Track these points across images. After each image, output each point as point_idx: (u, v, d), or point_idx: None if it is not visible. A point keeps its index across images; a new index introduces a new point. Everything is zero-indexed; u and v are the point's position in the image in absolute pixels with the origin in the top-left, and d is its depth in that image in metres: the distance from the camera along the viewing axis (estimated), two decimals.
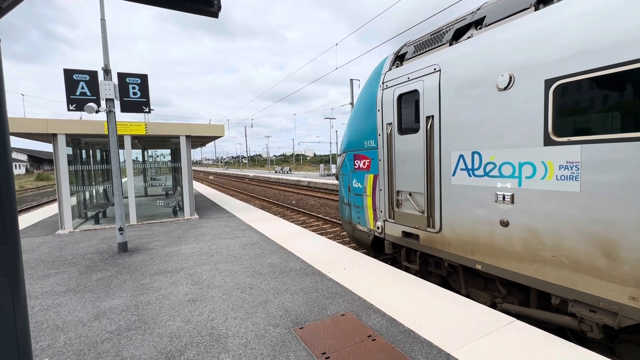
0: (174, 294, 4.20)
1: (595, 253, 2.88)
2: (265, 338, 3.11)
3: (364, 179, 5.86)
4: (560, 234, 3.12)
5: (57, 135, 8.23)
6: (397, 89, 4.97)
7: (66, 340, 3.19)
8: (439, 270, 4.91)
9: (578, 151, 2.95)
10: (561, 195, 3.09)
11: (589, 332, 3.12)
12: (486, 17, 3.93)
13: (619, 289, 2.76)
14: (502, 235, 3.62)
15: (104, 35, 5.95)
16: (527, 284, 3.45)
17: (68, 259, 5.94)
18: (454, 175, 4.15)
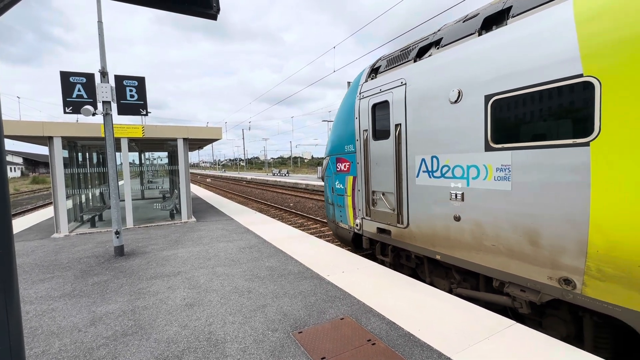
0: (171, 299, 4.15)
1: (523, 241, 3.43)
2: (264, 343, 3.07)
3: (344, 180, 6.40)
4: (498, 226, 3.65)
5: (53, 138, 8.16)
6: (372, 99, 5.52)
7: (61, 346, 3.13)
8: (408, 263, 5.45)
9: (509, 156, 3.50)
10: (498, 193, 3.64)
11: (520, 308, 3.66)
12: (443, 38, 4.46)
13: (540, 270, 3.33)
14: (456, 229, 4.15)
15: (101, 38, 5.92)
16: (474, 270, 4.00)
17: (63, 263, 5.87)
18: (417, 177, 4.68)
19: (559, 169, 3.10)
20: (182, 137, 9.68)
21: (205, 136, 10.34)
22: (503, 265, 3.66)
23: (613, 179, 2.72)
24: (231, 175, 58.84)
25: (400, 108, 4.92)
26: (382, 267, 5.13)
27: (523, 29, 3.40)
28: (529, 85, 3.31)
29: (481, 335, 3.08)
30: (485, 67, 3.73)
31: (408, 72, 4.82)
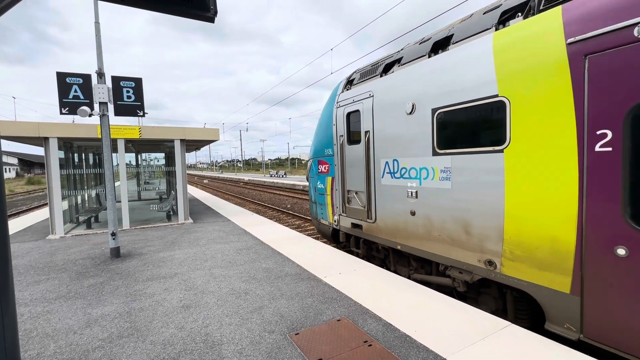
0: (168, 300, 4.14)
1: (460, 231, 4.06)
2: (261, 344, 3.07)
3: (325, 180, 7.04)
4: (442, 219, 4.29)
5: (48, 138, 8.12)
6: (347, 108, 6.12)
7: (56, 348, 3.12)
8: (378, 254, 6.05)
9: (450, 160, 4.13)
10: (442, 191, 4.27)
11: (458, 287, 4.34)
12: (403, 57, 5.13)
13: (472, 255, 3.94)
14: (412, 222, 4.80)
15: (97, 38, 5.91)
16: (426, 257, 4.65)
17: (59, 264, 5.83)
18: (382, 177, 5.31)
19: (483, 171, 3.76)
20: (179, 138, 9.66)
21: (202, 137, 10.32)
22: (446, 252, 4.31)
23: (518, 180, 3.41)
24: (228, 176, 58.71)
25: (368, 117, 5.54)
26: (378, 268, 5.15)
27: (458, 54, 4.04)
28: (462, 101, 3.96)
29: (477, 337, 3.10)
30: (432, 84, 4.36)
31: (375, 85, 5.42)
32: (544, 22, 3.20)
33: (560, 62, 3.04)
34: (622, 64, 2.68)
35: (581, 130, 2.91)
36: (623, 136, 2.68)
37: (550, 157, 3.15)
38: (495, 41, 3.62)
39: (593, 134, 2.86)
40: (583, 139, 2.91)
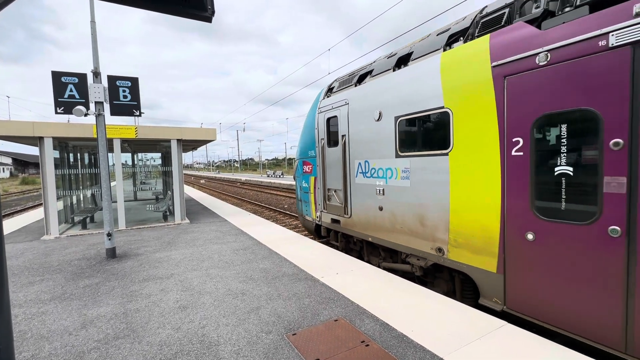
0: (164, 301, 4.12)
1: (417, 224, 4.67)
2: (258, 345, 3.06)
3: (309, 180, 7.64)
4: (404, 213, 4.89)
5: (43, 138, 8.05)
6: (327, 114, 6.68)
7: (51, 350, 3.09)
8: (355, 247, 6.63)
9: (409, 161, 4.73)
10: (403, 189, 4.86)
11: (416, 272, 4.96)
12: (374, 69, 5.67)
13: (426, 244, 4.56)
14: (380, 217, 5.37)
15: (93, 38, 5.87)
16: (391, 247, 5.23)
17: (54, 265, 5.78)
18: (356, 177, 5.88)
19: (434, 171, 4.35)
20: (175, 138, 9.61)
21: (199, 137, 10.28)
22: (407, 242, 4.91)
23: (459, 179, 4.03)
24: (225, 176, 58.53)
25: (345, 122, 6.10)
26: (375, 268, 5.16)
27: (415, 69, 4.63)
28: (417, 111, 4.56)
29: (473, 336, 3.11)
30: (395, 95, 4.93)
31: (350, 94, 5.98)
32: (477, 46, 3.80)
33: (487, 81, 3.65)
34: (529, 84, 3.30)
35: (502, 138, 3.54)
36: (530, 143, 3.31)
37: (481, 160, 3.78)
38: (442, 60, 4.22)
39: (510, 141, 3.49)
40: (504, 145, 3.54)
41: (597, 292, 2.92)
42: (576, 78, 2.98)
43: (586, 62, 2.90)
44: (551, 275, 3.22)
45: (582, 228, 2.97)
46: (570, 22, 3.03)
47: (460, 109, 3.97)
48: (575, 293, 3.07)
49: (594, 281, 2.93)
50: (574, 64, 2.98)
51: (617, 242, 2.76)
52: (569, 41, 3.00)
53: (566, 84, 3.05)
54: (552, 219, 3.18)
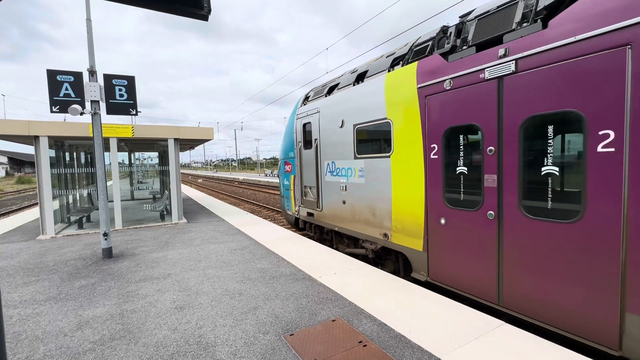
0: (161, 302, 4.09)
1: (370, 214, 5.59)
2: (255, 345, 3.05)
3: (289, 178, 8.55)
4: (360, 206, 5.80)
5: (39, 137, 7.98)
6: (303, 120, 7.58)
7: (46, 351, 3.06)
8: (327, 236, 7.59)
9: (363, 162, 5.64)
10: (359, 185, 5.77)
11: (369, 255, 5.87)
12: (340, 83, 6.57)
13: (376, 230, 5.47)
14: (343, 209, 6.30)
15: (89, 36, 5.81)
16: (352, 235, 6.17)
17: (49, 265, 5.73)
18: (326, 175, 6.80)
19: (381, 171, 5.24)
20: (172, 137, 9.56)
21: (196, 136, 10.23)
22: (362, 230, 5.83)
23: (397, 177, 4.95)
24: (223, 175, 58.37)
25: (317, 127, 6.97)
26: (374, 269, 5.16)
27: (368, 86, 5.47)
28: (369, 120, 5.44)
29: (471, 336, 3.11)
30: (354, 106, 5.78)
31: (321, 103, 6.83)
32: (408, 70, 4.66)
33: (414, 99, 4.57)
34: (440, 103, 4.20)
35: (425, 144, 4.46)
36: (442, 149, 4.21)
37: (411, 161, 4.69)
38: (386, 79, 5.08)
39: (429, 147, 4.40)
40: (426, 150, 4.45)
41: (481, 260, 3.84)
42: (467, 101, 3.89)
43: (473, 89, 3.82)
44: (455, 249, 4.16)
45: (473, 213, 3.92)
46: (465, 58, 3.90)
47: (397, 120, 4.89)
48: (469, 262, 3.98)
49: (480, 251, 3.85)
50: (466, 90, 3.89)
51: (492, 222, 3.71)
52: (463, 72, 3.91)
53: (462, 105, 3.95)
54: (455, 207, 4.13)
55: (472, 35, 3.98)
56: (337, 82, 6.76)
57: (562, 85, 3.06)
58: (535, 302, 3.35)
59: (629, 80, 2.64)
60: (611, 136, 2.79)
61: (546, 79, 3.17)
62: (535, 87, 3.26)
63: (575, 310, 3.05)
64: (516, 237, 3.47)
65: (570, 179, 3.11)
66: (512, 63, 3.44)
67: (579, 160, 3.03)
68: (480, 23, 3.95)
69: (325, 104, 6.67)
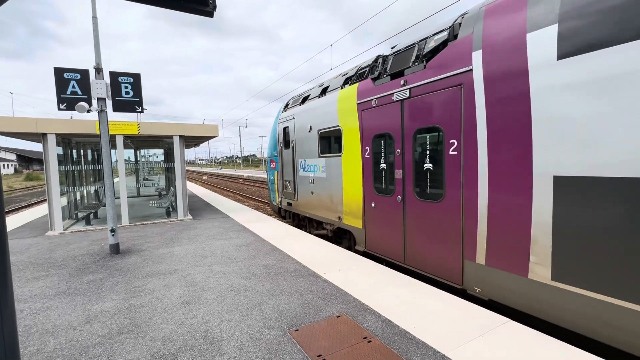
0: (167, 297, 4.14)
1: (329, 202, 6.88)
2: (260, 340, 3.08)
3: (274, 174, 10.05)
4: (323, 195, 7.12)
5: (47, 134, 8.08)
6: (283, 124, 9.01)
7: (56, 344, 3.12)
8: (302, 222, 8.97)
9: (325, 160, 6.94)
10: (322, 179, 7.10)
11: (329, 234, 7.26)
12: (310, 94, 7.92)
13: (334, 214, 6.78)
14: (312, 198, 7.71)
15: (95, 33, 5.85)
16: (318, 219, 7.58)
17: (58, 261, 5.82)
18: (300, 171, 8.20)
19: (336, 167, 6.57)
20: (178, 134, 9.62)
21: (201, 133, 10.28)
22: (324, 215, 7.22)
23: (346, 172, 6.24)
24: (228, 172, 58.61)
25: (293, 131, 8.39)
26: (378, 265, 5.16)
27: (328, 98, 6.76)
28: (327, 127, 6.77)
29: (475, 333, 3.11)
30: (318, 114, 7.15)
31: (296, 111, 8.23)
32: (352, 89, 5.96)
33: (355, 111, 5.85)
34: (369, 116, 5.51)
35: (362, 147, 5.73)
36: (371, 150, 5.50)
37: (353, 160, 6.01)
38: (339, 95, 6.38)
39: (364, 149, 5.67)
40: (362, 151, 5.73)
41: (395, 232, 5.19)
42: (385, 115, 5.17)
43: (387, 107, 5.09)
44: (380, 225, 5.49)
45: (389, 198, 5.21)
46: (384, 84, 5.16)
47: (345, 127, 6.19)
48: (388, 234, 5.33)
49: (394, 226, 5.19)
50: (384, 107, 5.17)
51: (400, 204, 5.03)
52: (382, 94, 5.18)
53: (382, 118, 5.23)
54: (380, 194, 5.42)
55: (389, 67, 5.19)
56: (309, 94, 8.07)
57: (432, 108, 4.37)
58: (421, 257, 4.77)
59: (462, 108, 3.92)
60: (455, 144, 4.05)
61: (424, 103, 4.48)
62: (420, 109, 4.57)
63: (440, 260, 4.44)
64: (412, 213, 4.85)
65: (438, 173, 4.37)
66: (408, 91, 4.72)
67: (441, 160, 4.28)
68: (395, 58, 5.13)
69: (299, 112, 8.07)
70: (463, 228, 4.01)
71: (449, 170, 4.13)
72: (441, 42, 4.26)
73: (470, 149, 3.84)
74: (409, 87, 4.67)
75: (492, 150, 3.62)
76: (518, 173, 3.38)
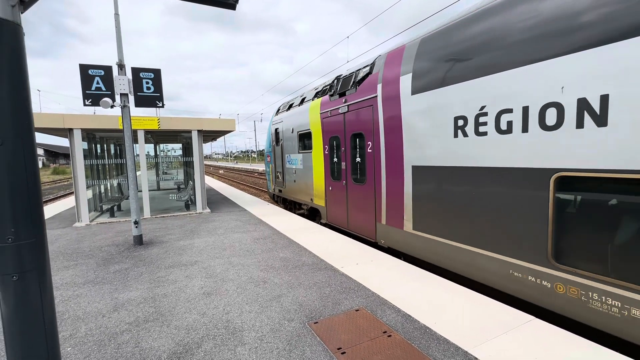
0: (189, 287, 4.26)
1: (305, 187, 8.86)
2: (281, 332, 3.12)
3: (269, 166, 12.12)
4: (301, 183, 9.05)
5: (73, 130, 8.38)
6: (275, 126, 10.94)
7: (87, 330, 3.27)
8: (289, 205, 10.93)
9: (302, 155, 8.85)
10: (300, 170, 9.02)
11: (305, 213, 9.51)
12: (293, 103, 9.76)
13: (308, 197, 8.79)
14: (294, 186, 9.54)
15: (117, 30, 5.98)
16: (298, 202, 9.51)
17: (86, 251, 6.08)
18: (286, 164, 10.03)
19: (309, 161, 8.29)
20: (196, 128, 9.78)
21: (219, 128, 10.42)
22: (302, 198, 9.09)
23: (315, 165, 8.05)
24: (243, 166, 59.36)
25: (281, 132, 10.28)
26: (396, 259, 5.12)
27: (303, 107, 8.59)
28: (303, 130, 8.48)
29: (498, 330, 3.04)
30: (297, 119, 8.94)
31: (283, 116, 10.20)
32: (317, 102, 7.73)
33: (319, 119, 7.58)
34: (328, 123, 7.17)
35: (324, 146, 7.44)
36: (329, 148, 7.24)
37: (319, 155, 7.74)
38: (310, 105, 8.18)
39: (325, 147, 7.43)
40: (325, 149, 7.42)
41: (342, 207, 7.04)
42: (335, 123, 6.93)
43: (336, 117, 6.84)
44: (334, 203, 7.36)
45: (339, 183, 7.02)
46: (335, 100, 6.90)
47: (313, 130, 7.98)
48: (338, 209, 7.20)
49: (341, 203, 7.04)
50: (335, 117, 6.91)
51: (344, 187, 6.80)
52: (334, 107, 6.92)
53: (334, 125, 6.99)
54: (334, 180, 7.22)
55: (338, 88, 6.96)
56: (293, 102, 9.97)
57: (359, 119, 6.13)
58: (356, 223, 6.63)
59: (372, 120, 5.67)
60: (370, 144, 5.80)
61: (355, 115, 6.25)
62: (353, 119, 6.34)
63: (364, 224, 6.28)
64: (351, 193, 6.69)
65: (362, 164, 6.17)
66: (347, 106, 6.49)
67: (364, 155, 6.07)
68: (342, 82, 6.92)
69: (286, 116, 9.99)
70: (375, 201, 5.88)
71: (368, 162, 5.99)
72: (365, 74, 6.04)
73: (377, 148, 5.64)
74: (347, 104, 6.50)
75: (386, 149, 5.41)
76: (398, 164, 5.17)
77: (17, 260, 1.38)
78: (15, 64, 1.36)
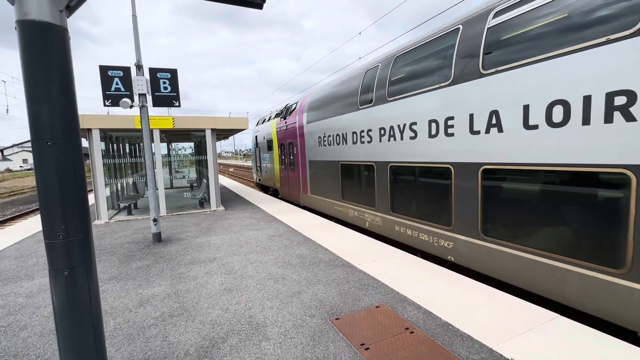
0: (210, 283, 4.34)
1: (272, 176, 14.12)
2: (303, 328, 3.17)
3: (253, 162, 17.93)
4: (270, 173, 14.53)
5: (91, 130, 8.59)
6: (255, 134, 16.51)
7: (115, 325, 3.38)
8: (265, 189, 16.14)
9: (269, 155, 14.24)
10: (269, 164, 14.53)
11: (271, 191, 15.62)
12: (266, 118, 15.69)
13: (272, 182, 14.30)
14: (267, 175, 15.18)
15: (135, 32, 6.09)
16: (269, 186, 15.16)
17: (107, 248, 6.25)
18: (262, 161, 15.60)
19: (272, 158, 13.75)
20: (210, 127, 9.90)
21: (232, 126, 10.52)
22: (271, 183, 14.43)
23: (275, 161, 13.39)
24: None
25: (260, 138, 15.35)
26: (413, 257, 5.12)
27: (270, 122, 13.90)
28: (268, 138, 13.88)
29: (522, 328, 3.02)
30: (266, 131, 14.23)
31: (261, 127, 15.47)
32: (275, 121, 13.00)
33: (275, 131, 12.88)
34: (281, 134, 12.14)
35: (277, 148, 12.73)
36: (280, 151, 12.48)
37: (276, 154, 13.01)
38: (272, 122, 13.32)
39: (278, 150, 12.68)
40: (279, 152, 12.57)
41: (286, 186, 12.15)
42: (283, 135, 11.92)
43: (283, 131, 11.84)
44: (284, 184, 12.35)
45: (285, 171, 12.06)
46: (283, 120, 11.86)
47: (274, 138, 12.83)
48: (286, 187, 12.16)
49: (286, 184, 12.19)
50: (282, 131, 11.92)
51: (286, 173, 12.05)
52: (281, 125, 12.01)
53: (282, 136, 11.95)
54: (284, 170, 12.16)
55: (284, 113, 11.75)
56: (267, 117, 14.85)
57: (291, 134, 10.87)
58: (290, 195, 11.63)
59: (297, 135, 10.38)
60: (297, 149, 10.54)
61: (287, 133, 11.30)
62: (288, 134, 11.16)
63: (296, 195, 11.04)
64: (290, 177, 11.38)
65: (294, 159, 10.87)
66: (285, 126, 11.42)
67: (295, 154, 10.72)
68: (286, 110, 11.75)
69: (261, 127, 14.95)
70: (300, 181, 10.30)
71: (295, 158, 10.56)
72: (294, 108, 10.69)
73: (301, 151, 10.06)
74: (286, 124, 11.26)
75: (301, 151, 9.95)
76: (303, 159, 10.02)
77: (67, 256, 1.45)
78: (63, 67, 1.41)
